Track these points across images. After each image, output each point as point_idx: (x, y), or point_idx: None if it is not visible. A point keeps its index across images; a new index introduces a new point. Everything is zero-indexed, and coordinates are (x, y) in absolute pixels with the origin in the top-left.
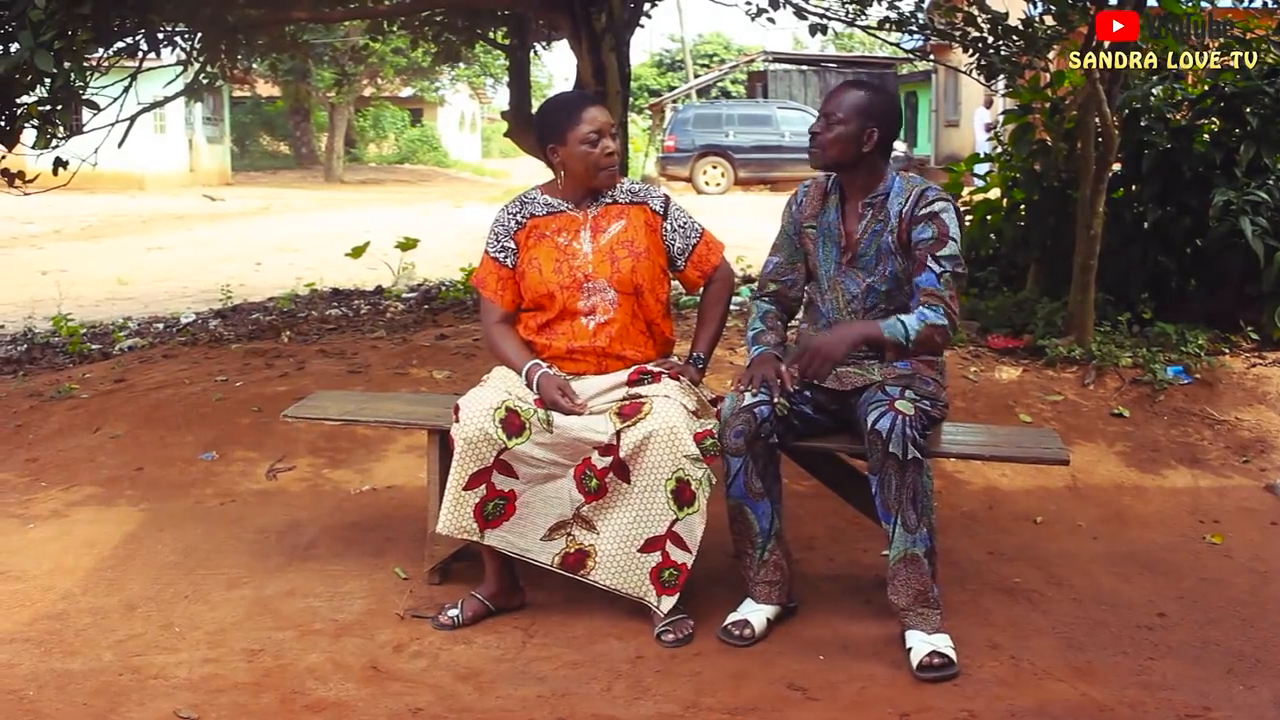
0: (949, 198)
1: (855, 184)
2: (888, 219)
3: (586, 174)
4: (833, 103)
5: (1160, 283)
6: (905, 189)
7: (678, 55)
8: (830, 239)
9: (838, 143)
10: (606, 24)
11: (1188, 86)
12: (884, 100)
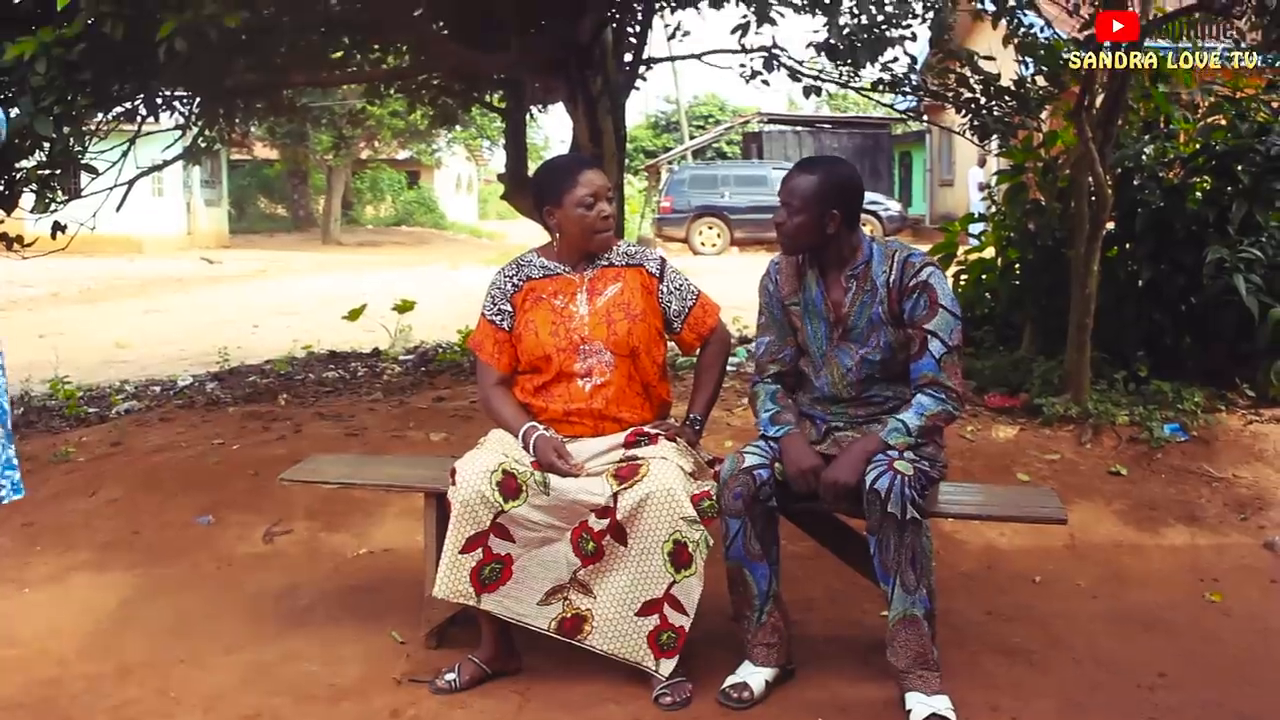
0: (933, 262)
1: (831, 259)
2: (875, 289)
3: (582, 237)
4: (786, 191)
5: (1156, 340)
6: (885, 256)
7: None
8: (816, 315)
9: (800, 231)
10: (602, 87)
11: (1179, 145)
12: (839, 179)
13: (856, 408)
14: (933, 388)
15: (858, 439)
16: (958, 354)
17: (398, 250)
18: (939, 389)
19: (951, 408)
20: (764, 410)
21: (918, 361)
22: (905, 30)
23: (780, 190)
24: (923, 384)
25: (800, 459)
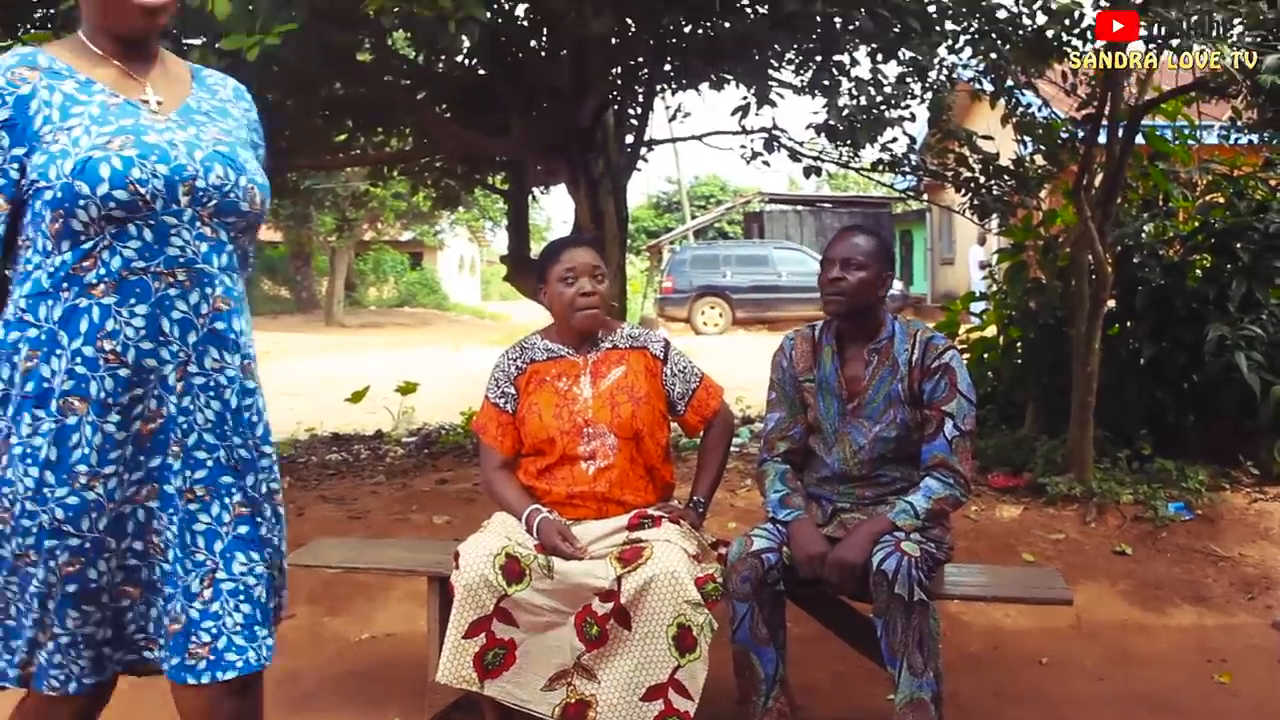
0: (955, 346)
1: (860, 331)
2: (896, 367)
3: (565, 313)
4: (849, 248)
5: (1158, 418)
6: (908, 334)
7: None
8: (830, 391)
9: (862, 288)
10: (604, 169)
11: (1178, 223)
12: (887, 245)
13: (865, 488)
14: (942, 470)
15: (864, 520)
16: (970, 440)
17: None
18: (948, 473)
19: (959, 493)
20: (773, 490)
21: (931, 443)
22: (904, 111)
23: (836, 249)
24: (933, 465)
25: (809, 545)
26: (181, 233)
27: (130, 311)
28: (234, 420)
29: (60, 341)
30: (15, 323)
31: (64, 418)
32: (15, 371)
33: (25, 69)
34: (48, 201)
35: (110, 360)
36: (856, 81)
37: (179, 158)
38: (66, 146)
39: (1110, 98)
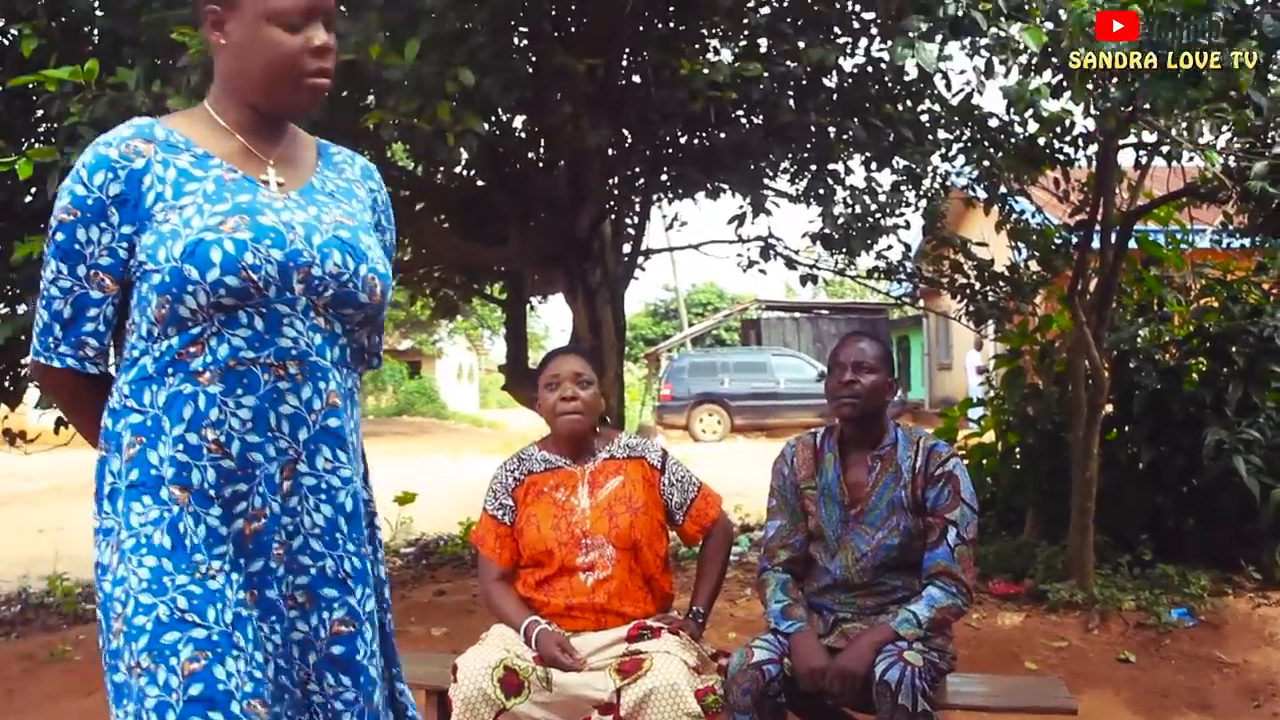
0: (957, 454)
1: (864, 437)
2: (899, 474)
3: (549, 419)
4: (858, 352)
5: (1159, 523)
6: (910, 442)
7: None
8: (832, 498)
9: (874, 391)
10: (601, 278)
11: (1173, 327)
12: (890, 352)
13: (866, 597)
14: (944, 579)
15: (867, 630)
16: (972, 548)
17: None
18: (951, 581)
19: (962, 602)
20: (774, 600)
21: (933, 551)
22: (898, 219)
23: (845, 354)
24: (935, 574)
25: (811, 658)
26: (295, 323)
27: (237, 402)
28: (348, 527)
29: (164, 427)
30: (120, 410)
31: (172, 507)
32: (121, 461)
33: (140, 141)
34: (155, 286)
35: (213, 450)
36: (851, 190)
37: (295, 242)
38: (177, 226)
39: (1102, 203)
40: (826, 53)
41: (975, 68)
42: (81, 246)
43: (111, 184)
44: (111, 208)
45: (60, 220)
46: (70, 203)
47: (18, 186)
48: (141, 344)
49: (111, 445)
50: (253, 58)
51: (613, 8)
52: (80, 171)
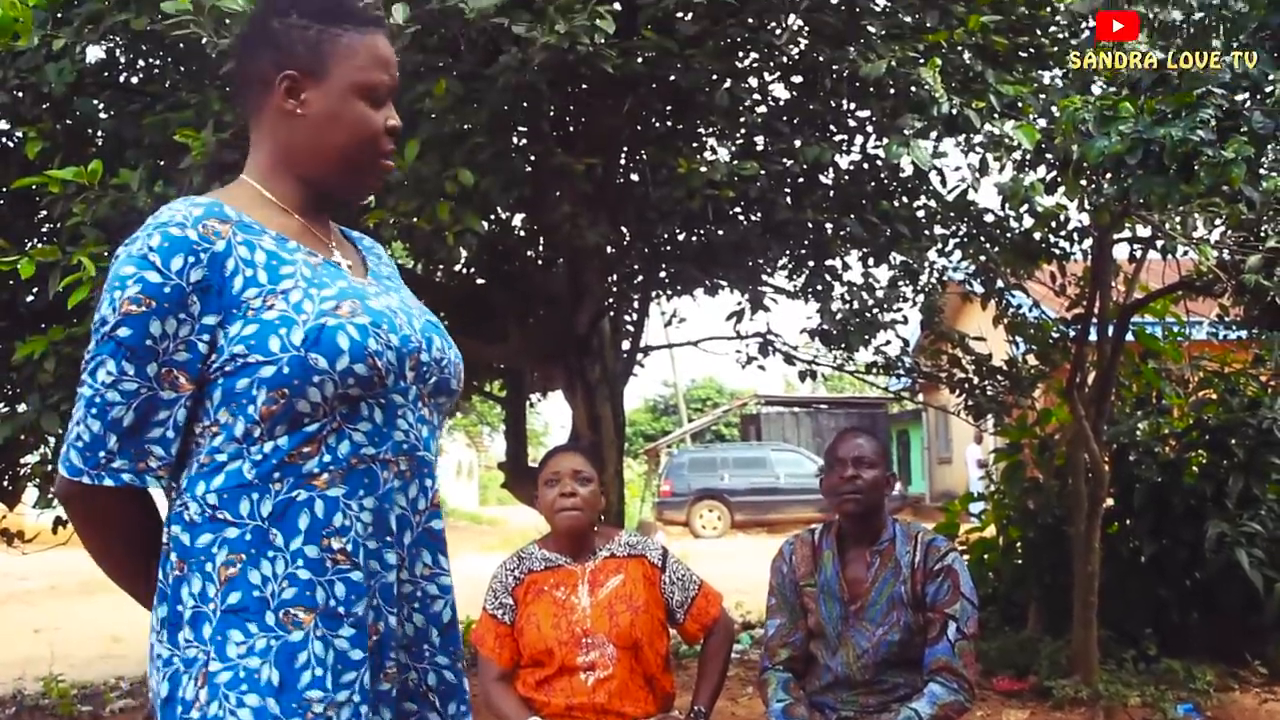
0: (956, 548)
1: (863, 533)
2: (898, 569)
3: (549, 515)
4: (856, 448)
5: (1163, 617)
6: (909, 537)
7: (671, 400)
8: (831, 595)
9: (875, 487)
10: (601, 375)
11: (1172, 420)
12: (887, 447)
13: (868, 695)
14: (946, 675)
15: None
16: (973, 643)
17: None
18: (953, 677)
19: (964, 699)
20: (776, 700)
21: (934, 646)
22: (896, 314)
23: (844, 449)
24: (936, 670)
25: None
26: (407, 414)
27: (360, 505)
28: (442, 639)
29: (274, 542)
30: (205, 524)
31: (286, 633)
32: (210, 582)
33: (215, 221)
34: (266, 379)
35: (340, 561)
36: (849, 286)
37: (403, 327)
38: (287, 313)
39: (1099, 297)
40: (822, 150)
41: (970, 164)
42: (155, 342)
43: (193, 269)
44: (193, 295)
45: (126, 313)
46: (142, 291)
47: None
48: (232, 446)
49: (192, 564)
50: (335, 132)
51: (610, 108)
52: (150, 256)
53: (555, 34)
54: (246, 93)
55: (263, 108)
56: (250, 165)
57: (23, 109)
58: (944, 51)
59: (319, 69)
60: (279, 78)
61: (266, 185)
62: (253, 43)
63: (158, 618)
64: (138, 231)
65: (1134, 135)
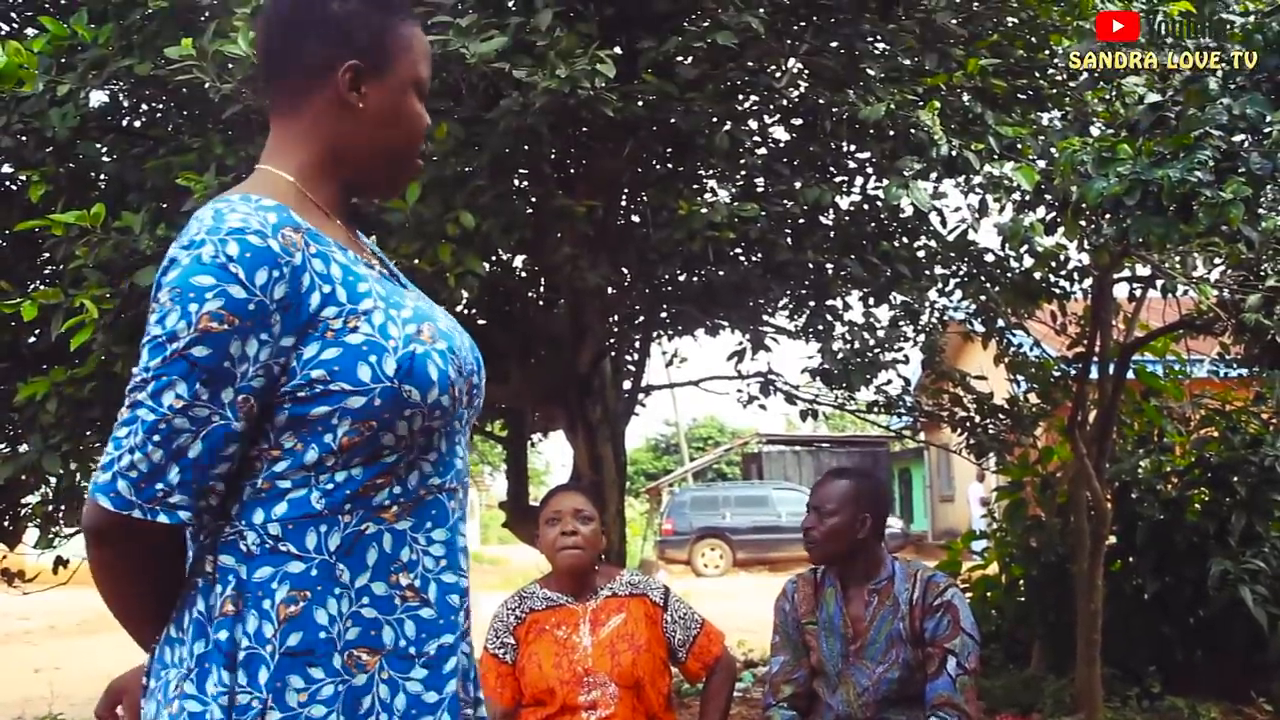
0: (956, 584)
1: (855, 572)
2: (897, 606)
3: (550, 554)
4: (821, 495)
5: (1166, 654)
6: (908, 574)
7: (673, 439)
8: (833, 633)
9: (833, 536)
10: (602, 415)
11: (1174, 458)
12: (872, 485)
13: None
14: (947, 709)
15: None
16: (974, 679)
17: None
18: (954, 711)
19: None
20: None
21: (934, 681)
22: (897, 353)
23: (812, 496)
24: (937, 705)
25: None
26: (461, 439)
27: (428, 538)
28: (474, 681)
29: (340, 578)
30: (265, 556)
31: (351, 677)
32: (267, 621)
33: (290, 230)
34: (353, 410)
35: (409, 598)
36: (850, 326)
37: (463, 348)
38: (373, 337)
39: (1099, 336)
40: (823, 192)
41: (970, 205)
42: (233, 364)
43: (277, 284)
44: (275, 314)
45: (205, 330)
46: (224, 307)
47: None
48: (299, 474)
49: (248, 600)
50: (393, 129)
51: (611, 151)
52: (231, 267)
53: (556, 78)
54: (288, 80)
55: (311, 98)
56: (283, 161)
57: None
58: (943, 94)
59: (383, 61)
60: (343, 67)
61: (308, 185)
62: (304, 26)
63: (190, 656)
64: (198, 232)
65: (1132, 176)
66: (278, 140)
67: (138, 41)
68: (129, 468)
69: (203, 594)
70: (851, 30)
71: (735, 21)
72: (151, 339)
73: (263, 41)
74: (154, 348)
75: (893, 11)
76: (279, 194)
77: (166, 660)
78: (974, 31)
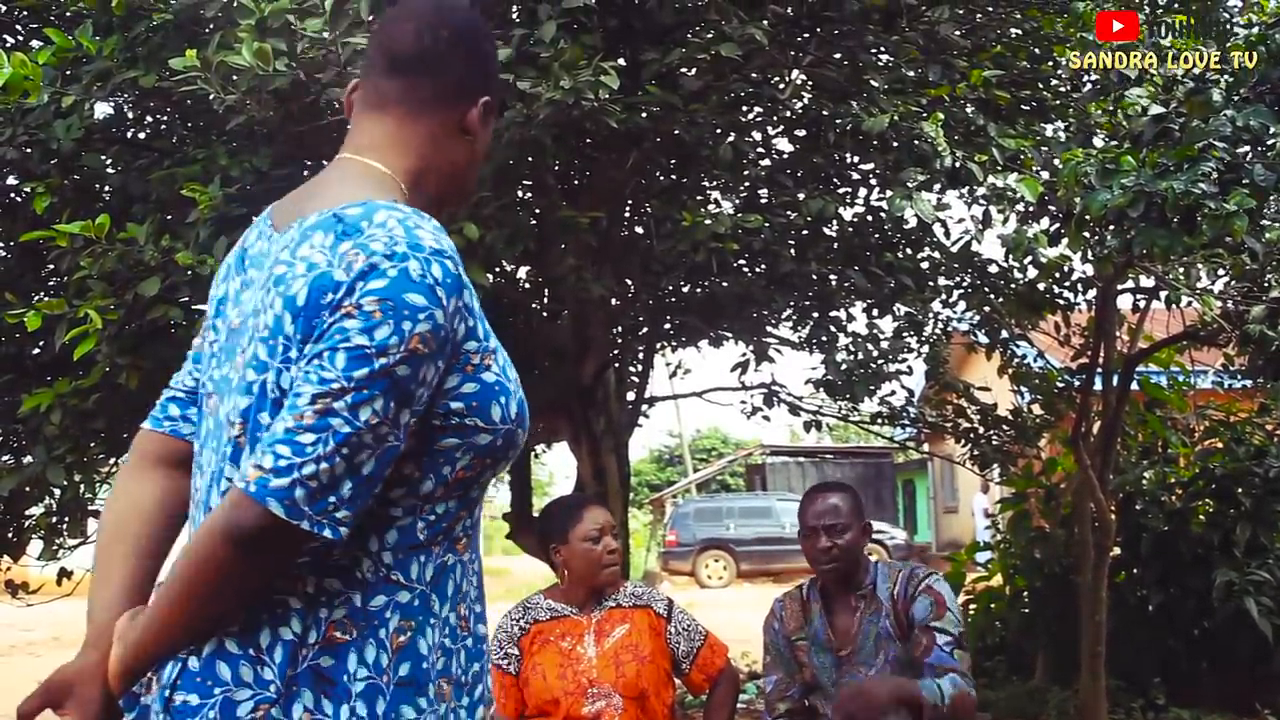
0: (937, 572)
1: (843, 582)
2: (880, 606)
3: (589, 571)
4: (826, 514)
5: (1171, 665)
6: (889, 574)
7: (676, 450)
8: (821, 647)
9: (850, 550)
10: (606, 426)
11: (1178, 469)
12: (857, 496)
13: None
14: (951, 673)
15: (893, 677)
16: (967, 654)
17: None
18: (957, 674)
19: (973, 693)
20: None
21: (929, 656)
22: (901, 364)
23: (816, 516)
24: (941, 673)
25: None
26: None
27: (474, 569)
28: None
29: (433, 609)
30: (379, 584)
31: (441, 708)
32: (384, 651)
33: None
34: (479, 447)
35: (464, 629)
36: (853, 337)
37: None
38: (502, 379)
39: (1103, 347)
40: (826, 203)
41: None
42: (418, 388)
43: (456, 315)
44: (449, 344)
45: (412, 351)
46: (430, 330)
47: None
48: (410, 501)
49: (366, 629)
50: (476, 165)
51: (615, 162)
52: (438, 291)
53: (560, 89)
54: (425, 84)
55: (438, 112)
56: (389, 160)
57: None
58: (946, 105)
59: (497, 105)
60: (482, 101)
61: (409, 194)
62: (467, 47)
63: (278, 679)
64: (396, 244)
65: (1136, 188)
66: (381, 138)
67: (142, 53)
68: (311, 477)
69: (298, 616)
70: (855, 42)
71: (739, 33)
72: (356, 348)
73: (412, 37)
74: (358, 358)
75: (896, 23)
76: (407, 204)
77: (223, 677)
78: (977, 43)
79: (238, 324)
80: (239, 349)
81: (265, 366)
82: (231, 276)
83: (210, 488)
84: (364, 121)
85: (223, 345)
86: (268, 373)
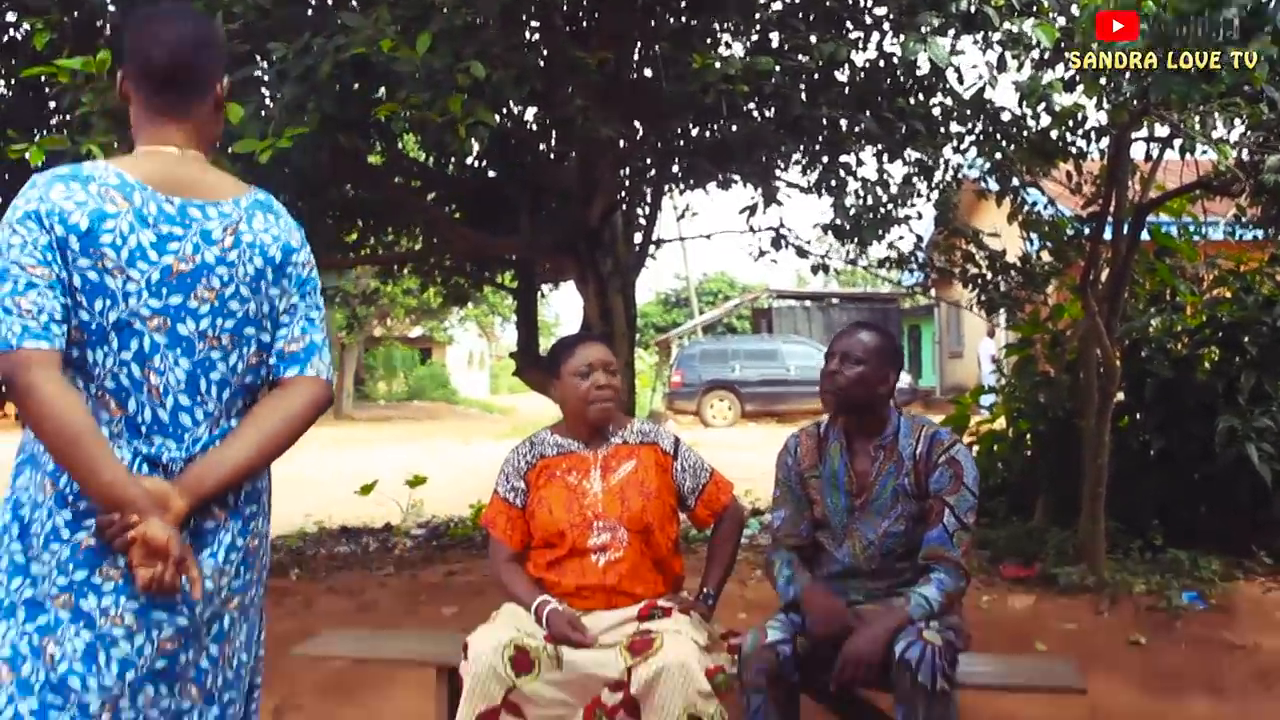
0: (961, 440)
1: (866, 426)
2: (901, 461)
3: (578, 405)
4: (849, 343)
5: (1170, 509)
6: (913, 430)
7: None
8: (837, 487)
9: (858, 383)
10: (613, 267)
11: (1186, 318)
12: (895, 344)
13: (876, 581)
14: (944, 561)
15: (879, 611)
16: (969, 534)
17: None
18: (948, 564)
19: (964, 584)
20: (781, 575)
21: (930, 531)
22: (910, 210)
23: (838, 344)
24: (929, 556)
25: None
26: None
27: None
28: None
29: None
30: None
31: None
32: None
33: None
34: None
35: None
36: (863, 182)
37: None
38: None
39: (1115, 196)
40: (838, 47)
41: (988, 62)
42: None
43: None
44: None
45: None
46: None
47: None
48: None
49: None
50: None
51: (624, 2)
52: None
53: None
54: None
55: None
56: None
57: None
58: None
59: None
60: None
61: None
62: (209, 50)
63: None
64: None
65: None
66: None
67: None
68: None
69: None
70: None
71: None
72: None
73: (169, 65)
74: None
75: None
76: None
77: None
78: None
79: (187, 269)
80: (203, 288)
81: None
82: (138, 230)
83: (206, 385)
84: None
85: (166, 284)
86: (250, 303)
